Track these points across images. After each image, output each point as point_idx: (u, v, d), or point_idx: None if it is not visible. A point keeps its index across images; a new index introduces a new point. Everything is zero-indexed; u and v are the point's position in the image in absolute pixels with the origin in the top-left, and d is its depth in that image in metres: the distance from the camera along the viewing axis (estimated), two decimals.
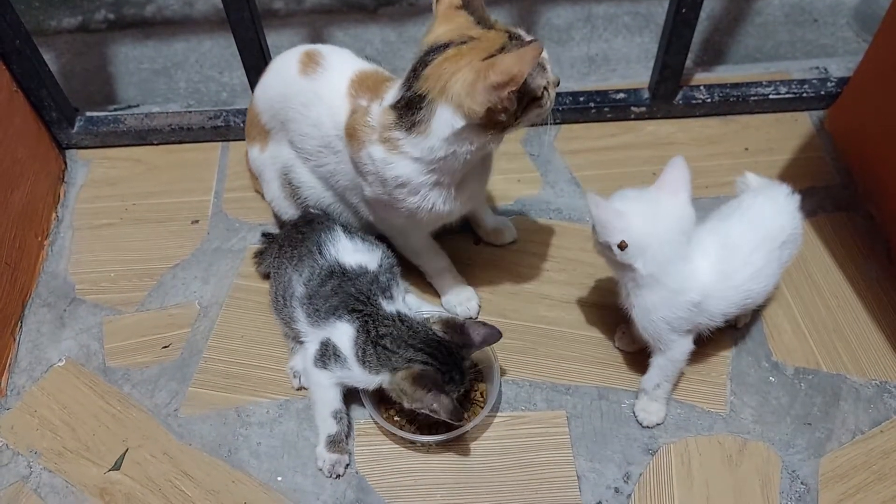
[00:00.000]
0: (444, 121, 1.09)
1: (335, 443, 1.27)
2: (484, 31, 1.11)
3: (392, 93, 1.16)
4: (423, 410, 1.18)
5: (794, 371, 1.37)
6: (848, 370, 1.36)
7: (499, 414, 1.33)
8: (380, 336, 1.21)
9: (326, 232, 1.34)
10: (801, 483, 1.25)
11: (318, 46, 1.32)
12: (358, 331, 1.23)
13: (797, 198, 1.29)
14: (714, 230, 1.24)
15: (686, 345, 1.24)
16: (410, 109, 1.11)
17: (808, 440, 1.29)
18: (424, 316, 1.27)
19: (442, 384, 1.17)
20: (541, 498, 1.24)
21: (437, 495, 1.25)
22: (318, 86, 1.26)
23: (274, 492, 1.26)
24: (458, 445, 1.30)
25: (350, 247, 1.32)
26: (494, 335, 1.23)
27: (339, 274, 1.28)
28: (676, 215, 1.17)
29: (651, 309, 1.19)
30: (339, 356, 1.23)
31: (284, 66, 1.33)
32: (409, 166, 1.15)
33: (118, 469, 1.29)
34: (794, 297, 1.45)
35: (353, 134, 1.19)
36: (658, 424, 1.30)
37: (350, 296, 1.26)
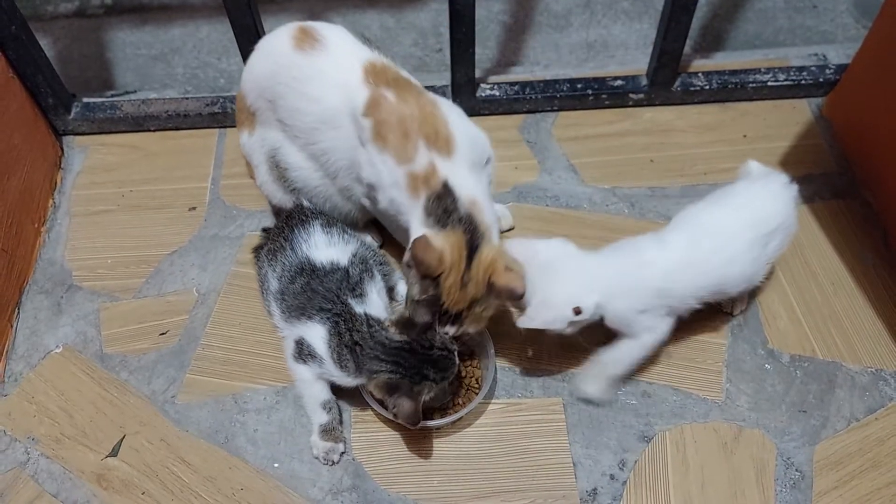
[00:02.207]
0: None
1: (328, 431, 1.27)
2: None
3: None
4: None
5: (790, 358, 1.37)
6: (843, 358, 1.37)
7: (495, 401, 1.34)
8: (354, 342, 1.19)
9: (301, 227, 1.34)
10: (796, 470, 1.25)
11: (312, 23, 1.31)
12: (330, 332, 1.22)
13: (794, 187, 1.29)
14: (694, 216, 1.26)
15: (663, 328, 1.26)
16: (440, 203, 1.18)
17: (803, 427, 1.29)
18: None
19: (410, 387, 1.16)
20: (537, 484, 1.25)
21: (434, 482, 1.26)
22: (322, 62, 1.26)
23: (271, 478, 1.27)
24: (455, 432, 1.30)
25: (324, 241, 1.32)
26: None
27: (309, 271, 1.28)
28: (565, 253, 1.24)
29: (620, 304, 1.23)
30: (314, 356, 1.23)
31: (274, 43, 1.32)
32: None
33: (115, 455, 1.30)
34: (790, 285, 1.45)
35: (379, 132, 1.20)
36: (588, 397, 1.31)
37: (318, 294, 1.25)
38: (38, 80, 1.61)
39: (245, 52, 1.59)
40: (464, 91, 1.70)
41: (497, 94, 1.73)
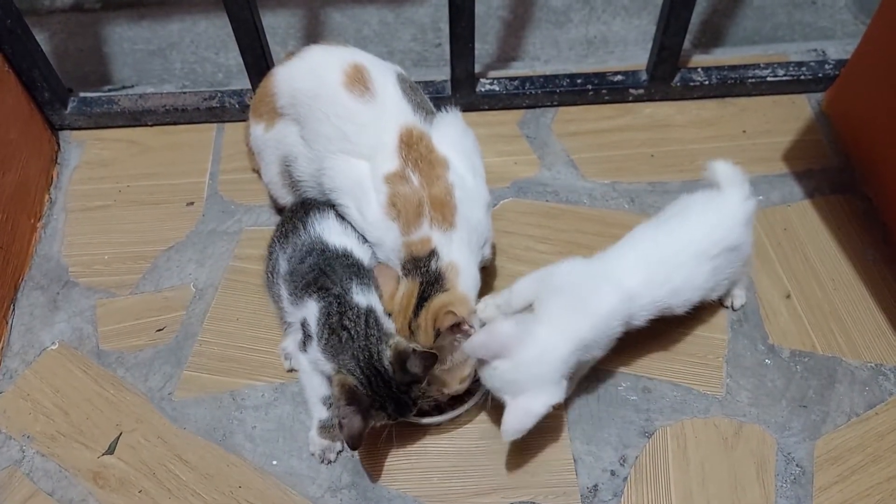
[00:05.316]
0: None
1: (327, 429, 1.26)
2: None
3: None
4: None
5: (790, 354, 1.37)
6: (843, 353, 1.36)
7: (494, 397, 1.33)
8: (342, 326, 1.18)
9: (317, 212, 1.34)
10: (797, 465, 1.25)
11: (366, 62, 1.31)
12: (321, 311, 1.21)
13: (752, 203, 1.28)
14: (643, 241, 1.26)
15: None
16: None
17: (803, 423, 1.29)
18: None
19: (369, 407, 1.14)
20: (538, 481, 1.24)
21: (434, 479, 1.25)
22: (367, 114, 1.27)
23: (269, 475, 1.26)
24: (454, 428, 1.30)
25: (338, 229, 1.31)
26: (429, 358, 1.15)
27: (319, 251, 1.27)
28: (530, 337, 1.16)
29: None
30: (310, 336, 1.22)
31: (325, 67, 1.31)
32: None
33: (112, 453, 1.29)
34: (790, 280, 1.45)
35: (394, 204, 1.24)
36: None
37: (322, 273, 1.24)
38: (35, 74, 1.60)
39: (243, 48, 1.59)
40: (463, 86, 1.69)
41: (497, 89, 1.72)
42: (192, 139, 1.73)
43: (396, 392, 1.15)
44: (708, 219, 1.26)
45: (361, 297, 1.22)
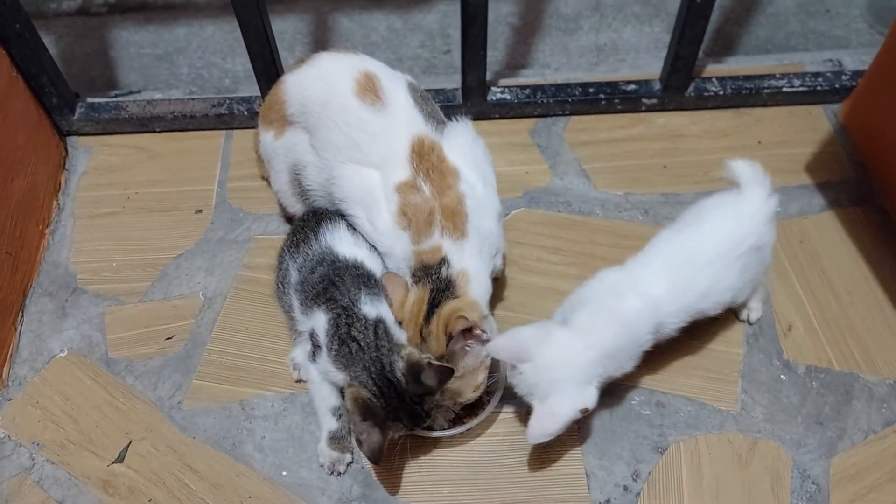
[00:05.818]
0: None
1: (336, 440, 1.25)
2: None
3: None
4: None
5: (806, 369, 1.35)
6: (860, 369, 1.35)
7: (506, 410, 1.32)
8: (351, 337, 1.17)
9: (328, 222, 1.33)
10: (813, 483, 1.23)
11: (377, 70, 1.30)
12: (329, 322, 1.20)
13: (773, 201, 1.27)
14: (666, 246, 1.25)
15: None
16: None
17: (819, 439, 1.28)
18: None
19: (385, 419, 1.13)
20: (549, 495, 1.23)
21: (444, 491, 1.24)
22: (378, 123, 1.26)
23: (279, 486, 1.25)
24: (465, 441, 1.28)
25: (349, 240, 1.31)
26: (444, 372, 1.14)
27: (329, 262, 1.27)
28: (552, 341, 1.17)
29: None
30: (319, 347, 1.21)
31: (336, 75, 1.30)
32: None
33: (121, 462, 1.28)
34: (806, 294, 1.44)
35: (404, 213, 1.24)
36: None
37: (332, 284, 1.23)
38: (43, 79, 1.59)
39: (253, 54, 1.57)
40: (475, 94, 1.68)
41: (508, 97, 1.71)
42: (201, 146, 1.72)
43: (410, 403, 1.14)
44: (731, 218, 1.25)
45: (370, 307, 1.21)
